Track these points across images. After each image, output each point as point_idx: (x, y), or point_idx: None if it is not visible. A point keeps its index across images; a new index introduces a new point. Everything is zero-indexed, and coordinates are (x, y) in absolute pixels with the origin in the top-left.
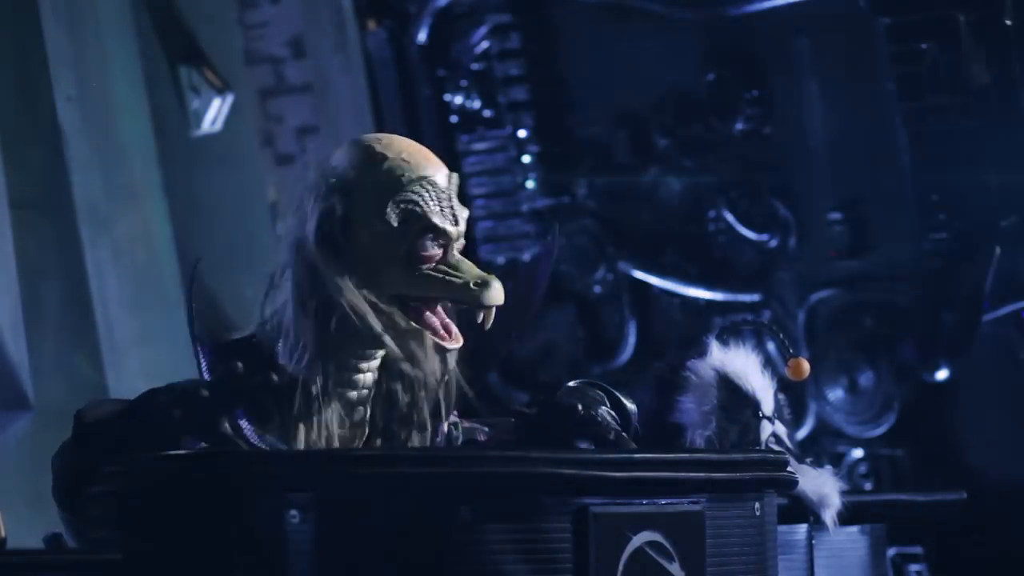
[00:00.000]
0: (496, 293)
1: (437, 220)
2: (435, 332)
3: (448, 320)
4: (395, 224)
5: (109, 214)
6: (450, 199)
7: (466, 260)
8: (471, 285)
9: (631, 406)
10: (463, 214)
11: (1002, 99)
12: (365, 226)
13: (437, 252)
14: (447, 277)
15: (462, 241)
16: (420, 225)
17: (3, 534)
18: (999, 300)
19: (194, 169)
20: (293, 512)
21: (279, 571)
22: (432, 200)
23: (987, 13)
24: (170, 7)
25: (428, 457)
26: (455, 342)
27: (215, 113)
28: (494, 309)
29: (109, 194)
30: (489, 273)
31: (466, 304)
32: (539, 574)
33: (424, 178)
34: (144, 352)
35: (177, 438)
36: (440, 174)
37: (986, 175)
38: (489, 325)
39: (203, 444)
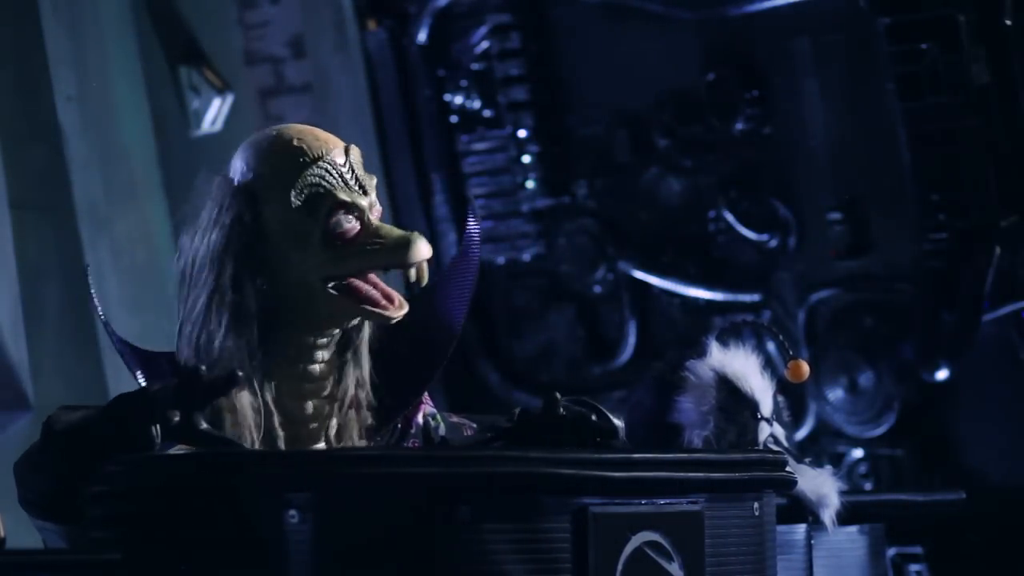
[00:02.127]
0: (421, 248)
1: (344, 195)
2: (376, 303)
3: (388, 288)
4: (304, 209)
5: (109, 214)
6: (352, 171)
7: (385, 225)
8: (395, 248)
9: (618, 422)
10: (371, 182)
11: (1002, 99)
12: (276, 220)
13: (354, 226)
14: (369, 247)
15: (378, 208)
16: (328, 204)
17: (3, 534)
18: (999, 300)
19: (194, 169)
20: (292, 512)
21: (279, 571)
22: (334, 176)
23: (987, 13)
24: (170, 7)
25: (428, 457)
26: (400, 309)
27: (215, 113)
28: (425, 264)
29: (109, 194)
30: (411, 232)
31: (393, 266)
32: (538, 574)
33: (320, 158)
34: None
35: (153, 441)
36: (336, 150)
37: (986, 175)
38: (425, 281)
39: (180, 446)
